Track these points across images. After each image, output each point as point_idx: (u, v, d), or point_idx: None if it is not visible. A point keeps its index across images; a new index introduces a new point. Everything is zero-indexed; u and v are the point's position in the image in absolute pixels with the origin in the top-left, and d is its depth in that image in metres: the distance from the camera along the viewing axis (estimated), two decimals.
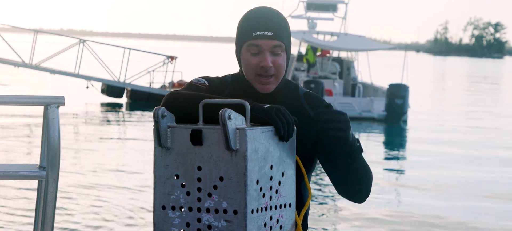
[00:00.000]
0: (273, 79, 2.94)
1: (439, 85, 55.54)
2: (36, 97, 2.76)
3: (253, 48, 2.91)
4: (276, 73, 2.93)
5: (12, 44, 29.38)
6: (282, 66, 2.93)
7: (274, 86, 2.95)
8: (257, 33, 2.89)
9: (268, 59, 2.89)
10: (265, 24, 2.89)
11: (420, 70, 79.19)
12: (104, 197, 12.13)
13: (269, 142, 2.69)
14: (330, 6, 32.84)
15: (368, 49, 29.72)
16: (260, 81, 2.93)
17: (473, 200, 13.35)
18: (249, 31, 2.90)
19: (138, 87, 30.17)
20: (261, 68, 2.91)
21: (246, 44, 2.92)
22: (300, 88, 3.06)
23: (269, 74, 2.92)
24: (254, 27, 2.90)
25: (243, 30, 2.92)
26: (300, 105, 3.00)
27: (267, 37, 2.88)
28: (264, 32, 2.88)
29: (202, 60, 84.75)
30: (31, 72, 32.66)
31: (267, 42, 2.89)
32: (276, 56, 2.91)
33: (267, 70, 2.91)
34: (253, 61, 2.92)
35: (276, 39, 2.89)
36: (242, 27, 2.93)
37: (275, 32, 2.89)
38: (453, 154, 18.91)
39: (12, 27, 34.76)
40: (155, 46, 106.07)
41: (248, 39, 2.90)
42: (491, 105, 36.85)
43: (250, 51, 2.91)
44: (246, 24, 2.92)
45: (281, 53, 2.92)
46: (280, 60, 2.92)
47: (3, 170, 2.72)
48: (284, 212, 2.76)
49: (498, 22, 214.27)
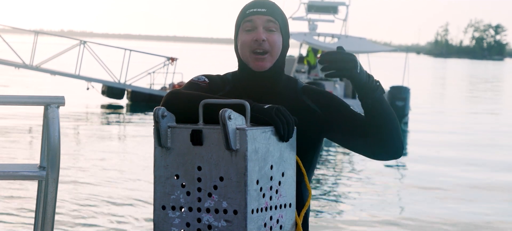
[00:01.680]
0: (268, 57, 2.95)
1: (440, 87, 55.53)
2: (36, 97, 2.76)
3: (247, 25, 2.95)
4: (271, 50, 2.95)
5: (13, 46, 29.38)
6: (276, 43, 2.95)
7: (269, 64, 2.96)
8: (250, 10, 2.95)
9: (261, 33, 2.93)
10: (258, 3, 2.96)
11: (421, 73, 79.18)
12: (104, 197, 12.12)
13: (269, 142, 2.69)
14: (331, 8, 32.85)
15: (369, 51, 29.73)
16: (255, 58, 2.95)
17: (475, 201, 13.34)
18: (244, 11, 2.97)
19: (139, 89, 30.16)
20: (255, 42, 2.93)
21: (241, 24, 2.97)
22: (299, 82, 3.07)
23: (263, 50, 2.94)
24: (248, 6, 2.97)
25: (238, 15, 3.00)
26: (301, 100, 3.00)
27: (260, 13, 2.94)
28: (257, 8, 2.95)
29: (202, 62, 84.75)
30: (31, 73, 32.67)
31: (260, 17, 2.94)
32: (270, 32, 2.95)
33: (261, 44, 2.93)
34: (247, 37, 2.95)
35: (269, 15, 2.94)
36: (239, 14, 3.00)
37: (268, 9, 2.95)
38: (454, 156, 18.90)
39: (13, 28, 34.76)
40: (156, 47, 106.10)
41: (243, 18, 2.96)
42: (492, 107, 36.83)
43: (245, 29, 2.96)
44: (242, 9, 3.00)
45: (276, 31, 2.95)
46: (275, 37, 2.95)
47: (3, 170, 2.72)
48: (284, 212, 2.76)
49: (498, 24, 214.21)
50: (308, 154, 2.99)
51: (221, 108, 2.65)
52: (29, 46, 30.42)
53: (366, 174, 15.48)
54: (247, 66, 2.98)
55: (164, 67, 30.46)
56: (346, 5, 32.72)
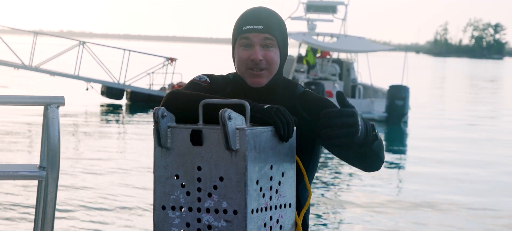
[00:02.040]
0: (265, 73, 2.92)
1: (440, 86, 55.54)
2: (36, 98, 2.76)
3: (243, 41, 2.92)
4: (268, 67, 2.92)
5: (12, 46, 29.37)
6: (274, 60, 2.92)
7: (266, 80, 2.93)
8: (247, 27, 2.91)
9: (258, 52, 2.90)
10: (255, 18, 2.91)
11: (420, 72, 79.19)
12: (104, 197, 12.12)
13: (269, 142, 2.69)
14: (330, 8, 32.84)
15: (368, 51, 29.72)
16: (251, 74, 2.92)
17: (473, 199, 13.34)
18: (240, 26, 2.93)
19: (138, 89, 30.16)
20: (252, 62, 2.90)
21: (238, 39, 2.93)
22: (298, 87, 3.03)
23: (260, 68, 2.91)
24: (245, 22, 2.92)
25: (235, 28, 2.95)
26: (293, 107, 2.96)
27: (257, 31, 2.90)
28: (253, 26, 2.90)
29: (202, 62, 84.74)
30: (31, 74, 32.67)
31: (257, 35, 2.90)
32: (267, 49, 2.91)
33: (257, 64, 2.90)
34: (244, 54, 2.92)
35: (266, 33, 2.90)
36: (235, 26, 2.96)
37: (265, 26, 2.90)
38: (454, 155, 18.91)
39: (12, 29, 34.73)
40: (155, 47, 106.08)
41: (239, 33, 2.92)
42: (492, 106, 36.84)
43: (241, 45, 2.92)
44: (239, 21, 2.95)
45: (273, 47, 2.91)
46: (272, 54, 2.91)
47: (3, 170, 2.72)
48: (284, 212, 2.76)
49: (498, 23, 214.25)
50: (305, 158, 2.97)
51: (221, 109, 2.65)
52: (28, 47, 30.41)
53: (365, 175, 15.49)
54: (243, 80, 2.96)
55: (163, 67, 30.46)
56: (345, 4, 32.71)
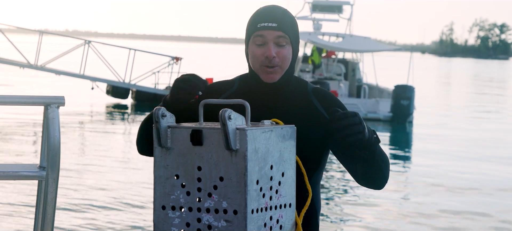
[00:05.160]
0: (278, 69, 3.00)
1: (445, 86, 55.48)
2: (36, 98, 2.76)
3: (258, 39, 2.98)
4: (281, 64, 3.00)
5: (18, 45, 29.41)
6: (286, 57, 2.99)
7: (278, 76, 3.00)
8: (261, 24, 2.97)
9: (272, 49, 2.96)
10: (269, 16, 2.97)
11: (425, 72, 79.12)
12: (105, 197, 12.13)
13: (269, 142, 2.69)
14: (336, 7, 32.81)
15: (374, 51, 29.69)
16: (265, 71, 2.99)
17: (480, 200, 13.32)
18: (255, 23, 2.99)
19: (143, 88, 30.18)
20: (266, 59, 2.97)
21: (252, 37, 2.99)
22: (309, 84, 3.10)
23: (273, 65, 2.98)
24: (259, 19, 2.98)
25: (249, 25, 3.01)
26: (310, 102, 3.04)
27: (271, 28, 2.96)
28: (268, 23, 2.96)
29: (207, 61, 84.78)
30: (36, 73, 32.69)
31: (271, 32, 2.96)
32: (280, 47, 2.98)
33: (271, 61, 2.97)
34: (258, 52, 2.99)
35: (280, 30, 2.96)
36: (249, 23, 3.02)
37: (279, 23, 2.97)
38: (459, 155, 18.88)
39: (18, 28, 34.78)
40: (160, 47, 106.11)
41: (253, 31, 2.99)
42: (497, 106, 36.79)
43: (256, 43, 2.99)
44: (253, 19, 3.01)
45: (286, 45, 2.98)
46: (285, 52, 2.98)
47: (3, 170, 2.72)
48: (284, 212, 2.76)
49: (503, 24, 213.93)
50: (316, 154, 3.02)
51: (221, 109, 2.65)
52: (34, 46, 30.44)
53: None
54: (256, 79, 3.03)
55: (168, 66, 30.47)
56: (350, 4, 32.67)
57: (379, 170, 2.97)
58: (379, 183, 3.03)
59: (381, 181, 3.01)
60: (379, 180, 3.01)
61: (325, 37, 31.87)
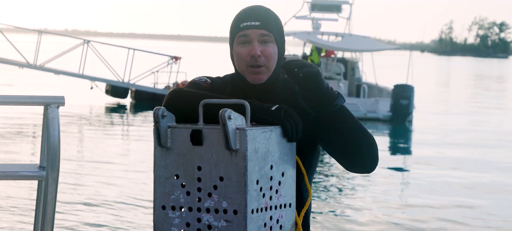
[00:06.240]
0: (264, 69, 2.95)
1: (444, 85, 55.48)
2: (36, 97, 2.76)
3: (241, 39, 2.95)
4: (267, 63, 2.95)
5: (17, 45, 29.40)
6: (272, 55, 2.95)
7: (265, 76, 2.96)
8: (244, 24, 2.94)
9: (256, 48, 2.92)
10: (252, 15, 2.95)
11: (425, 71, 79.12)
12: (104, 197, 12.12)
13: (269, 142, 2.68)
14: (335, 7, 32.79)
15: (373, 50, 29.68)
16: (252, 72, 2.95)
17: (478, 200, 13.33)
18: (238, 24, 2.96)
19: (143, 88, 30.18)
20: (251, 58, 2.93)
21: (236, 37, 2.96)
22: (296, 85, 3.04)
23: (259, 64, 2.94)
24: (242, 19, 2.95)
25: (233, 26, 2.98)
26: (297, 103, 2.98)
27: (254, 27, 2.93)
28: (251, 22, 2.93)
29: (206, 61, 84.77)
30: (35, 73, 32.68)
31: (254, 31, 2.93)
32: (265, 45, 2.94)
33: (256, 59, 2.93)
34: (243, 51, 2.95)
35: (263, 28, 2.93)
36: (232, 24, 2.99)
37: (262, 22, 2.93)
38: (458, 154, 18.88)
39: (16, 28, 34.78)
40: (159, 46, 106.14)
41: (237, 31, 2.95)
42: (497, 105, 36.80)
43: (240, 43, 2.95)
44: (236, 20, 2.98)
45: (270, 43, 2.94)
46: (270, 49, 2.94)
47: (3, 170, 2.72)
48: (284, 212, 2.76)
49: (503, 22, 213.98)
50: (307, 156, 2.98)
51: (221, 108, 2.64)
52: (33, 46, 30.43)
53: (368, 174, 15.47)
54: (244, 78, 2.98)
55: (168, 66, 30.47)
56: (349, 3, 32.65)
57: (356, 137, 2.87)
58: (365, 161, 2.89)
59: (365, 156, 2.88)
60: (361, 154, 2.88)
61: (324, 36, 31.85)
